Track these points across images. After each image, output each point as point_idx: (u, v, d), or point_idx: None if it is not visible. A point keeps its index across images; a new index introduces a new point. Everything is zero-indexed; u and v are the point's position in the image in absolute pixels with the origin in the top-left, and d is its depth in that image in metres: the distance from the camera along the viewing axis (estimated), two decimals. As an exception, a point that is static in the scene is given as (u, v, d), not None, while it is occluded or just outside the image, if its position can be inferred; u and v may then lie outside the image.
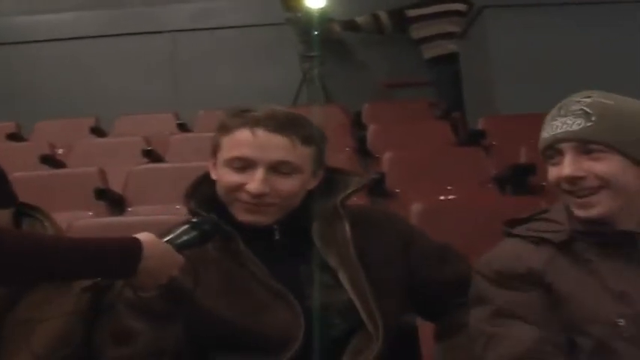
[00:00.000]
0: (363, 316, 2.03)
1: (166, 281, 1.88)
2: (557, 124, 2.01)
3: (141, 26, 9.40)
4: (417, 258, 2.21)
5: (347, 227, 2.12)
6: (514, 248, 2.06)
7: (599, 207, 1.96)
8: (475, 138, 6.21)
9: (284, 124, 2.08)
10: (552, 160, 2.04)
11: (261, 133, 2.06)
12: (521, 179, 5.03)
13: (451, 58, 8.06)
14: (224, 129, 2.13)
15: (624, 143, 1.96)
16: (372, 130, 6.51)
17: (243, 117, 2.10)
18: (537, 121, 6.03)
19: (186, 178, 4.67)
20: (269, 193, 2.05)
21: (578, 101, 2.02)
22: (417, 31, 8.51)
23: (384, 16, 8.70)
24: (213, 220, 2.03)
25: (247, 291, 2.04)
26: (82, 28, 9.38)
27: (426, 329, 2.35)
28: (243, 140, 2.07)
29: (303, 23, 8.56)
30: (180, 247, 1.94)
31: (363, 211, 2.26)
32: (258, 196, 2.04)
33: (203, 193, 2.16)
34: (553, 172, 2.03)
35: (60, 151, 6.84)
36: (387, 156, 5.23)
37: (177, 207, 4.28)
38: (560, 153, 2.00)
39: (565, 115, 2.01)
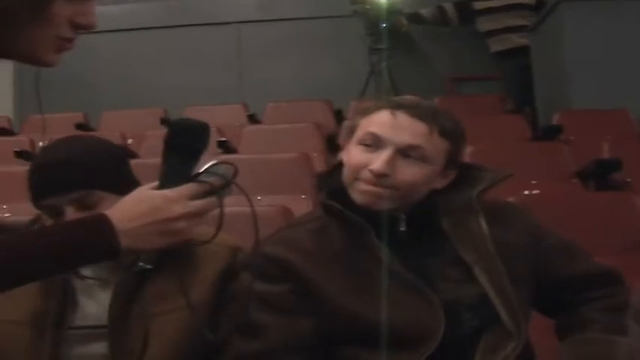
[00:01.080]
0: (502, 311, 1.99)
1: (181, 239, 1.65)
2: None
3: (204, 17, 9.40)
4: (546, 253, 2.18)
5: (483, 222, 2.08)
6: None
7: None
8: (551, 133, 6.14)
9: (426, 112, 2.05)
10: None
11: (401, 115, 2.03)
12: (604, 175, 4.95)
13: (520, 51, 7.97)
14: (365, 111, 2.11)
15: None
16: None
17: (387, 101, 2.09)
18: (615, 117, 6.06)
19: (261, 170, 4.69)
20: (390, 175, 1.99)
21: None
22: (484, 24, 8.41)
23: (450, 8, 8.63)
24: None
25: (378, 283, 1.99)
26: (144, 19, 9.44)
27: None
28: (381, 120, 2.05)
29: (370, 16, 8.51)
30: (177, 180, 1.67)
31: (495, 205, 2.20)
32: (378, 175, 1.98)
33: (332, 185, 2.12)
34: None
35: (130, 141, 6.86)
36: (467, 150, 5.16)
37: (259, 198, 4.26)
38: None
39: None
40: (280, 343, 1.97)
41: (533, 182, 4.71)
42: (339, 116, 7.73)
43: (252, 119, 7.87)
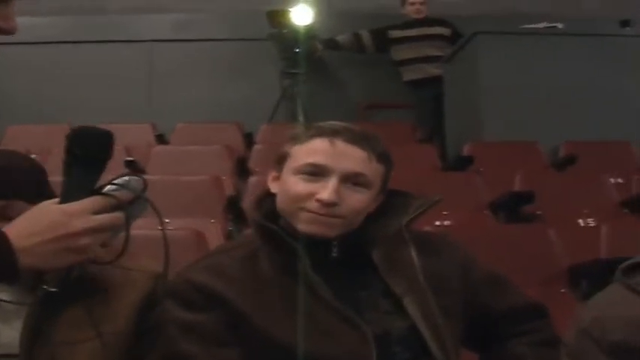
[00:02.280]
0: (432, 344, 1.94)
1: (84, 257, 1.59)
2: None
3: (119, 34, 9.22)
4: (476, 285, 2.14)
5: (413, 252, 2.04)
6: (635, 312, 1.73)
7: None
8: (462, 163, 6.19)
9: (363, 138, 2.03)
10: None
11: (340, 142, 2.01)
12: (516, 207, 4.97)
13: (433, 81, 8.01)
14: (296, 139, 2.08)
15: None
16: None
17: (319, 128, 2.06)
18: (525, 149, 6.11)
19: (170, 191, 4.58)
20: (339, 204, 1.97)
21: None
22: (399, 53, 8.45)
23: (366, 35, 8.63)
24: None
25: (310, 313, 1.93)
26: (58, 33, 9.20)
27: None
28: (320, 148, 2.02)
29: (286, 40, 8.45)
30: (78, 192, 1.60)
31: (424, 235, 2.17)
32: (328, 204, 1.96)
33: (266, 208, 2.09)
34: None
35: (34, 156, 6.64)
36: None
37: (167, 220, 4.15)
38: None
39: None
40: None
41: (445, 213, 4.69)
42: (249, 139, 7.67)
43: (161, 139, 7.77)
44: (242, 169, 6.34)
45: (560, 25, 7.27)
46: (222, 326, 1.90)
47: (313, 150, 2.02)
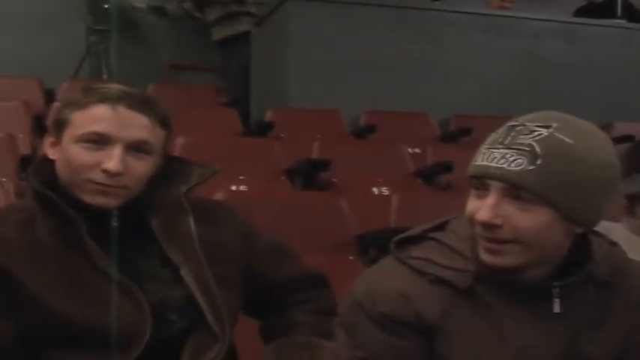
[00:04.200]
0: (207, 313, 1.94)
1: None
2: (496, 155, 1.68)
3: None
4: (256, 255, 2.15)
5: (191, 221, 2.02)
6: (404, 285, 1.77)
7: (507, 258, 1.71)
8: (263, 129, 6.20)
9: (145, 104, 1.96)
10: (476, 191, 1.73)
11: (123, 110, 1.92)
12: (313, 174, 5.02)
13: (245, 39, 7.95)
14: (76, 104, 1.95)
15: (563, 198, 1.66)
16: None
17: (100, 93, 1.95)
18: (328, 116, 6.19)
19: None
20: (125, 173, 1.90)
21: (533, 131, 1.69)
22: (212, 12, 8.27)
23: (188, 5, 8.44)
24: None
25: (87, 282, 1.89)
26: None
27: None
28: (101, 116, 1.92)
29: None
30: None
31: (204, 204, 2.14)
32: (115, 175, 1.89)
33: (44, 173, 1.98)
34: (472, 204, 1.73)
35: None
36: (178, 141, 5.07)
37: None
38: (486, 188, 1.70)
39: (508, 146, 1.68)
40: None
41: (241, 178, 4.69)
42: (49, 96, 7.41)
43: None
44: (40, 127, 6.13)
45: (372, -5, 7.39)
46: None
47: (95, 117, 1.92)
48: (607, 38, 7.80)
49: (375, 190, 5.00)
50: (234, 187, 4.58)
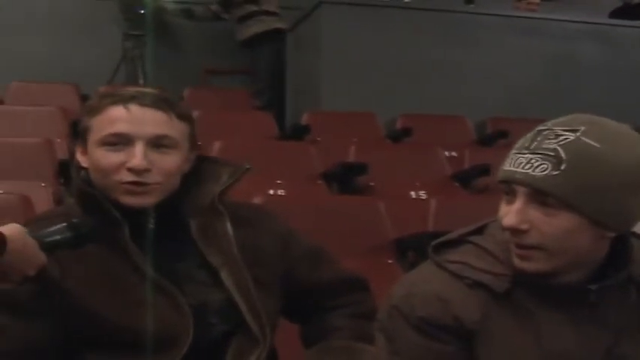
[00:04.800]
0: (247, 316, 1.96)
1: (19, 280, 1.70)
2: (522, 160, 1.67)
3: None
4: (295, 259, 2.15)
5: (228, 224, 2.03)
6: (443, 289, 1.76)
7: (535, 263, 1.70)
8: (299, 133, 6.20)
9: (158, 100, 1.97)
10: (506, 196, 1.73)
11: (135, 108, 1.94)
12: (349, 178, 5.01)
13: (267, 40, 7.98)
14: (93, 110, 1.98)
15: (589, 203, 1.63)
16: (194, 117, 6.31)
17: (113, 96, 1.98)
18: (364, 120, 6.19)
19: (5, 153, 4.45)
20: (151, 169, 1.92)
21: (559, 135, 1.67)
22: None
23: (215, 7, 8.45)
24: (91, 223, 1.84)
25: (129, 284, 1.91)
26: None
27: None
28: (116, 116, 1.94)
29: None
30: (49, 248, 1.75)
31: (242, 207, 2.16)
32: (140, 172, 1.90)
33: (79, 186, 2.00)
34: (502, 210, 1.72)
35: None
36: (215, 146, 5.09)
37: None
38: (514, 194, 1.69)
39: (534, 151, 1.67)
40: (18, 344, 1.83)
41: (279, 182, 4.69)
42: (86, 101, 7.41)
43: (-6, 99, 7.45)
44: (76, 133, 6.14)
45: (406, -1, 7.39)
46: (35, 296, 1.83)
47: (111, 119, 1.94)
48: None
49: (413, 193, 5.00)
50: (271, 192, 4.59)
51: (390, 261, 3.78)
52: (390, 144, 6.28)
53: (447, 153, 5.86)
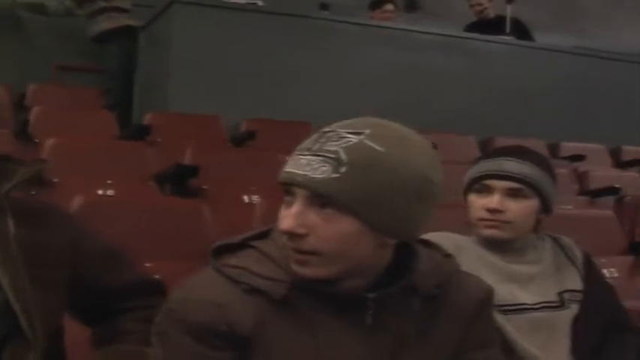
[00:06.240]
0: (21, 318, 1.87)
1: None
2: (303, 161, 1.63)
3: None
4: (87, 259, 2.08)
5: (10, 222, 1.95)
6: (218, 295, 1.70)
7: (313, 269, 1.66)
8: (140, 133, 6.15)
9: None
10: (286, 198, 1.68)
11: None
12: (182, 180, 4.99)
13: (116, 39, 7.92)
14: None
15: (368, 208, 1.60)
16: (35, 112, 6.25)
17: None
18: (208, 122, 6.16)
19: None
20: None
21: (342, 137, 1.63)
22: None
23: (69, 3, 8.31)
24: None
25: None
26: None
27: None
28: None
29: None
30: None
31: (30, 205, 2.08)
32: None
33: None
34: (282, 213, 1.68)
35: None
36: (48, 142, 5.01)
37: None
38: (295, 196, 1.64)
39: (316, 153, 1.62)
40: None
41: (109, 182, 4.63)
42: None
43: None
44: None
45: (260, 3, 7.38)
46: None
47: None
48: (495, 53, 7.98)
49: (246, 197, 4.99)
50: (100, 191, 4.53)
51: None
52: (232, 148, 6.27)
53: (287, 158, 5.85)
